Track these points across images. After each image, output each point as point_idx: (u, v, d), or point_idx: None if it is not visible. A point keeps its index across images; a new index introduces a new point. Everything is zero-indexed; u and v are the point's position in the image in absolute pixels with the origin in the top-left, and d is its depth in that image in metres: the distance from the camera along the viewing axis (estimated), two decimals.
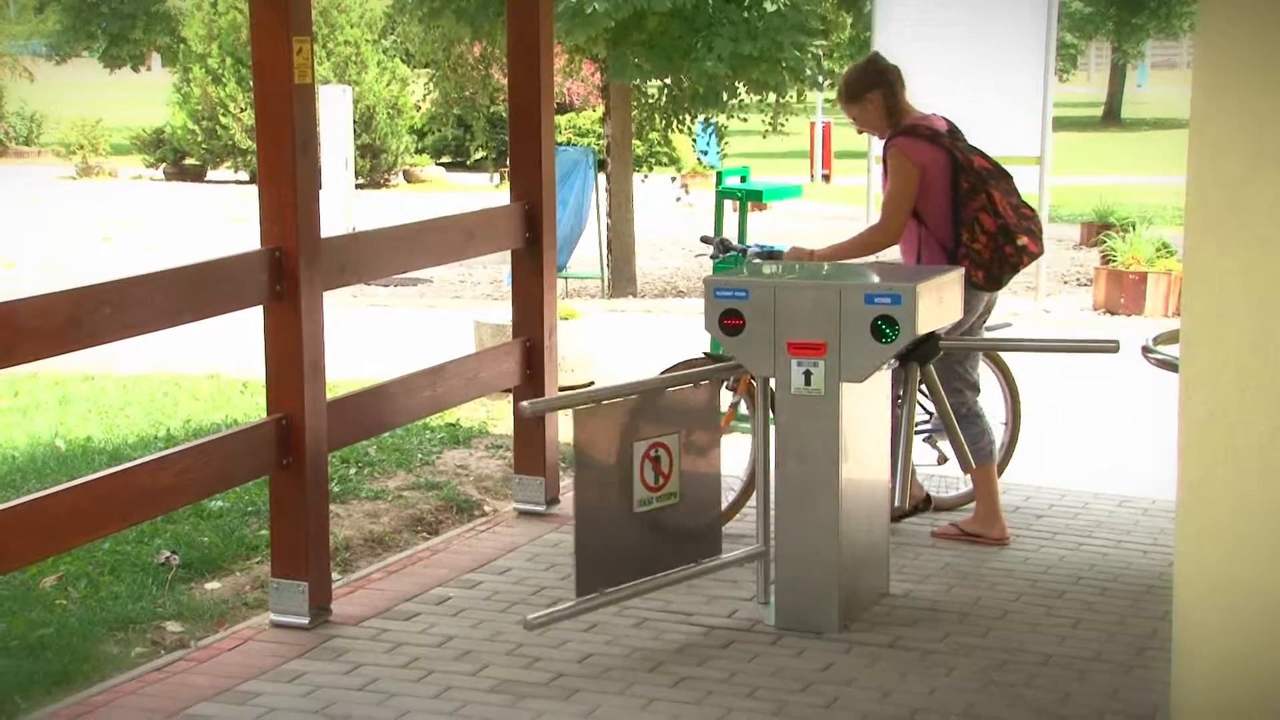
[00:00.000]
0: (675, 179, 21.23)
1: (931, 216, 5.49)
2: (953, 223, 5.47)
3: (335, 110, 15.69)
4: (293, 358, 4.78)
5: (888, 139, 5.59)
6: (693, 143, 22.26)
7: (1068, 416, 8.13)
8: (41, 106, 30.27)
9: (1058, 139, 14.76)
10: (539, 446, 5.80)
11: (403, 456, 7.02)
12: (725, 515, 5.33)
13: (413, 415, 5.70)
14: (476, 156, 26.09)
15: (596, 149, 15.97)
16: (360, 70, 24.36)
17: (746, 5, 14.00)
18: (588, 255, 14.78)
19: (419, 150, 26.01)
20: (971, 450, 5.40)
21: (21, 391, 8.63)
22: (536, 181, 5.93)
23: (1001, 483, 6.48)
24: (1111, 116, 37.72)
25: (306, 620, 4.80)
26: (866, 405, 4.89)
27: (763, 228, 14.47)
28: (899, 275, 4.92)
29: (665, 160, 24.08)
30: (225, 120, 24.06)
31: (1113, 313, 11.84)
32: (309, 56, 4.73)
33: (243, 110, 23.62)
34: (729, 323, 4.75)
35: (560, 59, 15.80)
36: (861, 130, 5.87)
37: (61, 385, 8.77)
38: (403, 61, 26.07)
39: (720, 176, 7.96)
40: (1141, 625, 4.90)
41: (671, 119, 15.23)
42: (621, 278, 14.66)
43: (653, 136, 20.60)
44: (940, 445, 5.88)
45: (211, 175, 25.09)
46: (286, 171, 4.72)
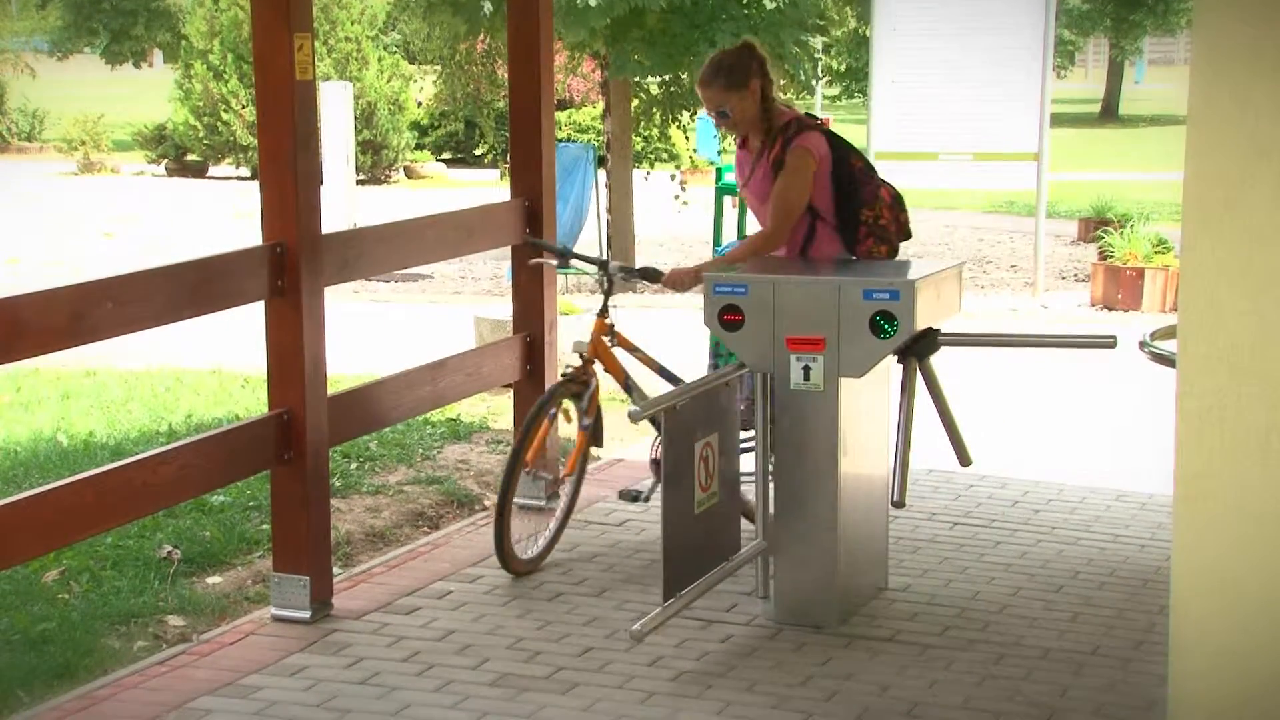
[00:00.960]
0: (675, 176, 21.25)
1: (826, 206, 5.21)
2: (850, 205, 5.19)
3: (336, 106, 15.69)
4: (294, 353, 4.79)
5: (789, 139, 5.15)
6: (686, 138, 22.18)
7: (1065, 411, 8.14)
8: (43, 103, 30.25)
9: (1055, 135, 14.76)
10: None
11: (404, 451, 7.02)
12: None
13: (413, 410, 5.70)
14: (480, 152, 26.08)
15: (597, 145, 15.97)
16: (361, 66, 24.33)
17: (746, 2, 13.99)
18: (588, 251, 14.75)
19: (420, 146, 25.98)
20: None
21: (24, 387, 8.64)
22: (537, 178, 5.93)
23: (1000, 477, 6.50)
24: (1109, 113, 37.67)
25: (308, 614, 4.81)
26: (865, 400, 4.89)
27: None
28: (898, 271, 4.92)
29: (665, 156, 24.05)
30: (227, 116, 24.03)
31: (1110, 308, 11.85)
32: (310, 53, 4.73)
33: (244, 106, 23.59)
34: (728, 318, 4.75)
35: (561, 55, 15.80)
36: (727, 127, 5.26)
37: (64, 381, 8.78)
38: (404, 58, 26.06)
39: (720, 173, 7.96)
40: (1139, 619, 4.91)
41: (669, 115, 15.21)
42: None
43: (651, 133, 20.60)
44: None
45: (213, 171, 25.06)
46: (288, 167, 4.72)
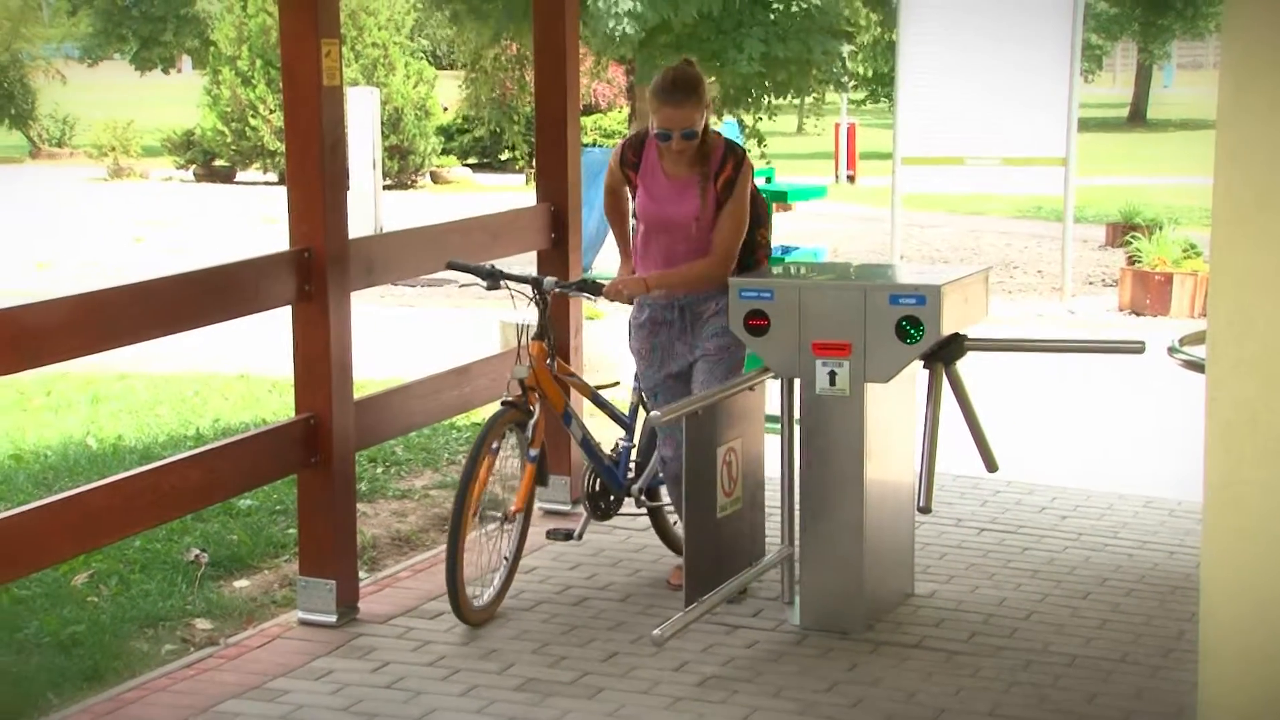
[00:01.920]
0: None
1: None
2: (753, 225, 5.00)
3: (363, 112, 15.72)
4: (320, 358, 4.80)
5: (739, 159, 4.89)
6: None
7: (1092, 417, 8.10)
8: (74, 109, 30.45)
9: (1083, 140, 14.70)
10: (564, 447, 5.79)
11: (429, 456, 7.03)
12: None
13: (439, 415, 5.71)
14: (506, 157, 26.12)
15: None
16: (388, 72, 24.42)
17: (773, 8, 14.00)
18: (613, 255, 14.75)
19: (446, 151, 26.05)
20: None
21: (54, 391, 8.69)
22: (563, 182, 5.94)
23: (1027, 483, 6.47)
24: (1137, 117, 37.53)
25: (334, 618, 4.81)
26: (891, 406, 4.87)
27: (788, 228, 14.42)
28: (924, 276, 4.90)
29: None
30: (254, 122, 24.14)
31: (1138, 313, 11.78)
32: (337, 59, 4.74)
33: (272, 112, 23.69)
34: (753, 323, 4.74)
35: (586, 61, 15.82)
36: (678, 151, 4.84)
37: (93, 385, 8.82)
38: (430, 63, 26.12)
39: None
40: (1168, 627, 4.87)
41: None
42: None
43: None
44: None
45: (241, 176, 25.17)
46: (315, 172, 4.73)
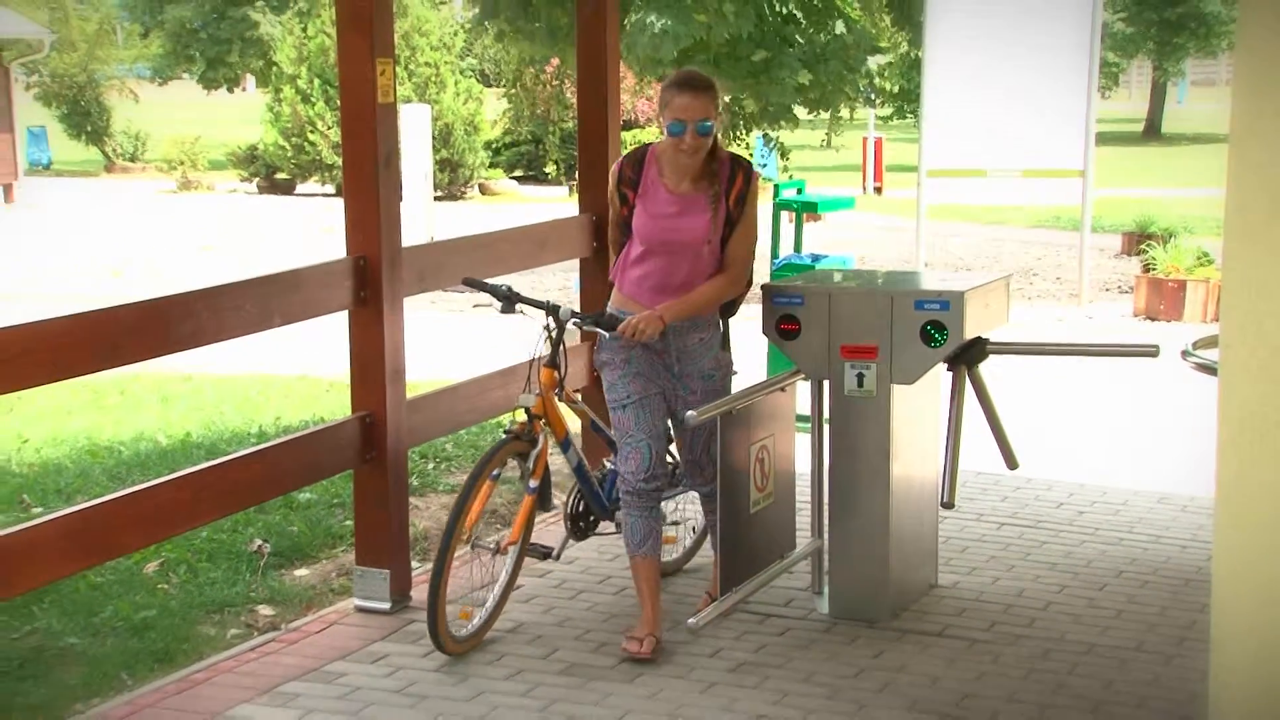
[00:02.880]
0: None
1: None
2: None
3: (416, 127, 15.77)
4: (375, 359, 4.82)
5: (748, 173, 4.46)
6: (749, 156, 22.24)
7: (1108, 417, 8.05)
8: (145, 125, 30.66)
9: (1100, 153, 14.59)
10: (604, 444, 5.79)
11: (477, 452, 7.04)
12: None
13: (487, 413, 5.71)
14: (550, 169, 26.18)
15: None
16: (439, 90, 24.49)
17: (807, 28, 13.96)
18: None
19: (493, 164, 26.12)
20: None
21: (126, 391, 8.76)
22: (603, 195, 5.91)
23: (1046, 480, 6.43)
24: (1152, 131, 37.24)
25: (388, 605, 4.83)
26: (916, 406, 4.86)
27: (818, 237, 14.40)
28: (948, 282, 4.88)
29: None
30: (313, 137, 24.26)
31: (1153, 319, 11.69)
32: (391, 77, 4.76)
33: (330, 128, 23.81)
34: (785, 327, 4.73)
35: (628, 79, 15.83)
36: (690, 149, 4.35)
37: (163, 385, 8.89)
38: (479, 81, 26.19)
39: (777, 189, 7.93)
40: (1181, 617, 4.84)
41: (731, 134, 15.22)
42: None
43: None
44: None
45: (300, 189, 25.28)
46: (370, 185, 4.75)
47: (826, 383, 4.75)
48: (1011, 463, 4.98)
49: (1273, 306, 3.27)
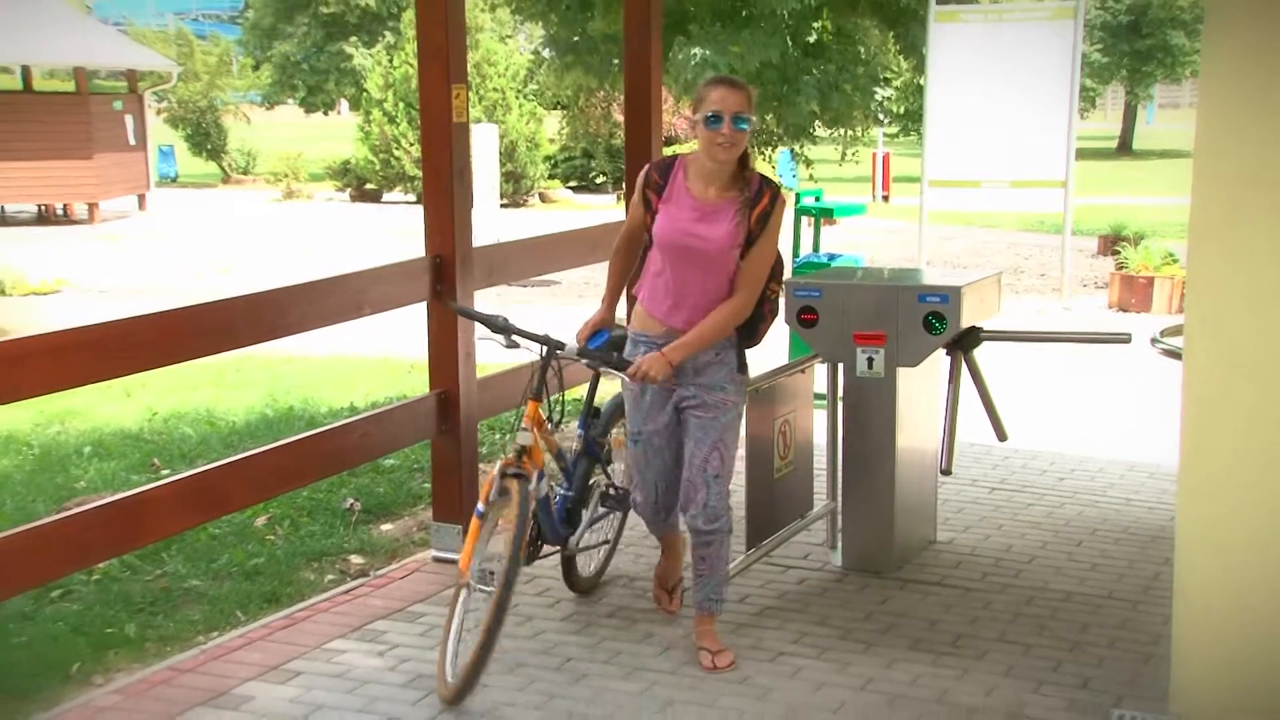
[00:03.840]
0: None
1: None
2: (770, 276, 3.99)
3: (485, 144, 15.77)
4: (450, 344, 4.83)
5: (774, 194, 3.85)
6: (772, 169, 22.11)
7: (1086, 396, 7.97)
8: (255, 144, 30.86)
9: (1079, 166, 14.41)
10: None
11: None
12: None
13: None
14: (600, 180, 26.15)
15: None
16: (505, 112, 24.50)
17: (826, 59, 13.90)
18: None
19: (551, 176, 26.11)
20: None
21: (240, 370, 8.83)
22: None
23: (1032, 450, 6.38)
24: (1125, 148, 36.76)
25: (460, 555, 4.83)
26: (919, 385, 4.83)
27: (833, 239, 14.32)
28: (946, 278, 4.84)
29: None
30: (398, 153, 24.33)
31: (1125, 311, 11.57)
32: (465, 101, 4.77)
33: (412, 145, 23.88)
34: (805, 317, 4.71)
35: (668, 101, 15.79)
36: (725, 147, 3.76)
37: (269, 366, 8.95)
38: (539, 105, 26.19)
39: (798, 197, 7.91)
40: (1147, 569, 4.79)
41: (757, 149, 15.19)
42: None
43: None
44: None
45: (386, 197, 25.37)
46: (446, 194, 4.76)
47: (841, 365, 4.73)
48: (1001, 435, 4.94)
49: (1231, 300, 3.26)
